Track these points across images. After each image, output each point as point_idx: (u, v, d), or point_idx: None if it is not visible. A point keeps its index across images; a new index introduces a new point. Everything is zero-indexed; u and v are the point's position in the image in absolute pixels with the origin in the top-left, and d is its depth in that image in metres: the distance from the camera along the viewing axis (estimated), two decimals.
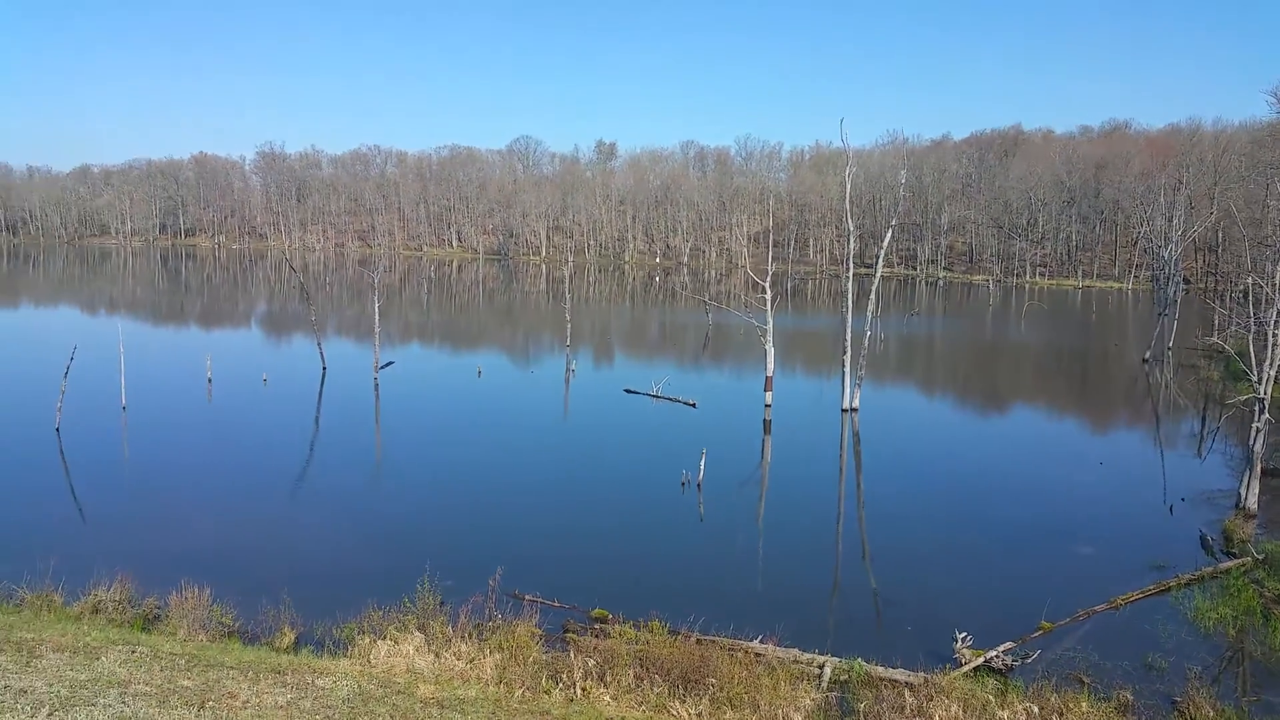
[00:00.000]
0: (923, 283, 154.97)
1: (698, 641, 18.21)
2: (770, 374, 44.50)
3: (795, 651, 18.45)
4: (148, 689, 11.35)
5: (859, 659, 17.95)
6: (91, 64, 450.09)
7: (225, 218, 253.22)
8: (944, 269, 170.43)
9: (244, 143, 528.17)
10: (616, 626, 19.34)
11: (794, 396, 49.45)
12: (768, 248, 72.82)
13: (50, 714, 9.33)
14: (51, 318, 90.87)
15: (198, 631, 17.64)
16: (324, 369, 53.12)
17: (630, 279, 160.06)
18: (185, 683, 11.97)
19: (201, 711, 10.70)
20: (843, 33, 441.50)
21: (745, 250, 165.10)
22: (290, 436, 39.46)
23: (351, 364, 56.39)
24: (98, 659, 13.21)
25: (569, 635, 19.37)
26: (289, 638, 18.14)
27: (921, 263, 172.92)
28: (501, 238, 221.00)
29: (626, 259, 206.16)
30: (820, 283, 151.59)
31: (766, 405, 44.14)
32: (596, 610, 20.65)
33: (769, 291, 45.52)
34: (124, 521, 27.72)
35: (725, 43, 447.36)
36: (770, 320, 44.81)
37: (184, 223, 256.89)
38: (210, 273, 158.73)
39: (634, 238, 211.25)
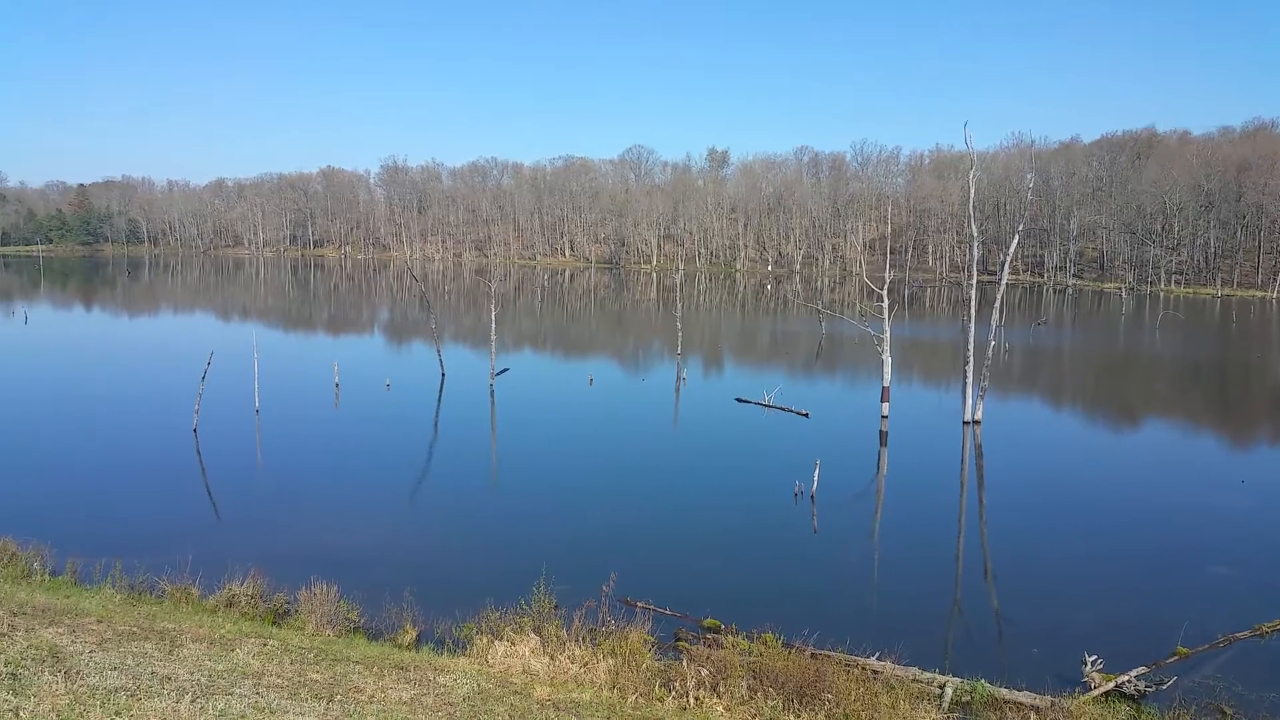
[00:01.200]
0: (1050, 290, 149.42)
1: (812, 656, 17.86)
2: (887, 384, 43.53)
3: (915, 670, 17.90)
4: (280, 681, 11.81)
5: (981, 680, 17.29)
6: (226, 82, 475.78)
7: (351, 229, 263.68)
8: (1073, 276, 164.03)
9: (369, 156, 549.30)
10: (729, 637, 19.14)
11: (912, 408, 48.18)
12: (885, 254, 71.37)
13: (193, 701, 9.78)
14: (190, 324, 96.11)
15: (325, 627, 18.27)
16: (442, 375, 54.57)
17: (741, 287, 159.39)
18: (314, 676, 12.41)
19: (330, 705, 11.06)
20: (963, 34, 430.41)
21: (860, 257, 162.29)
22: (411, 440, 40.65)
23: (468, 370, 57.77)
24: (233, 650, 13.82)
25: (681, 644, 19.29)
26: (410, 635, 18.63)
27: (1049, 270, 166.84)
28: (613, 246, 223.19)
29: (737, 267, 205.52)
30: (940, 290, 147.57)
31: (883, 416, 43.19)
32: (708, 620, 20.54)
33: (886, 299, 44.55)
34: (256, 519, 28.99)
35: (841, 47, 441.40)
36: (887, 329, 43.86)
37: (312, 234, 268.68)
38: (337, 282, 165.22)
39: (745, 245, 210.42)
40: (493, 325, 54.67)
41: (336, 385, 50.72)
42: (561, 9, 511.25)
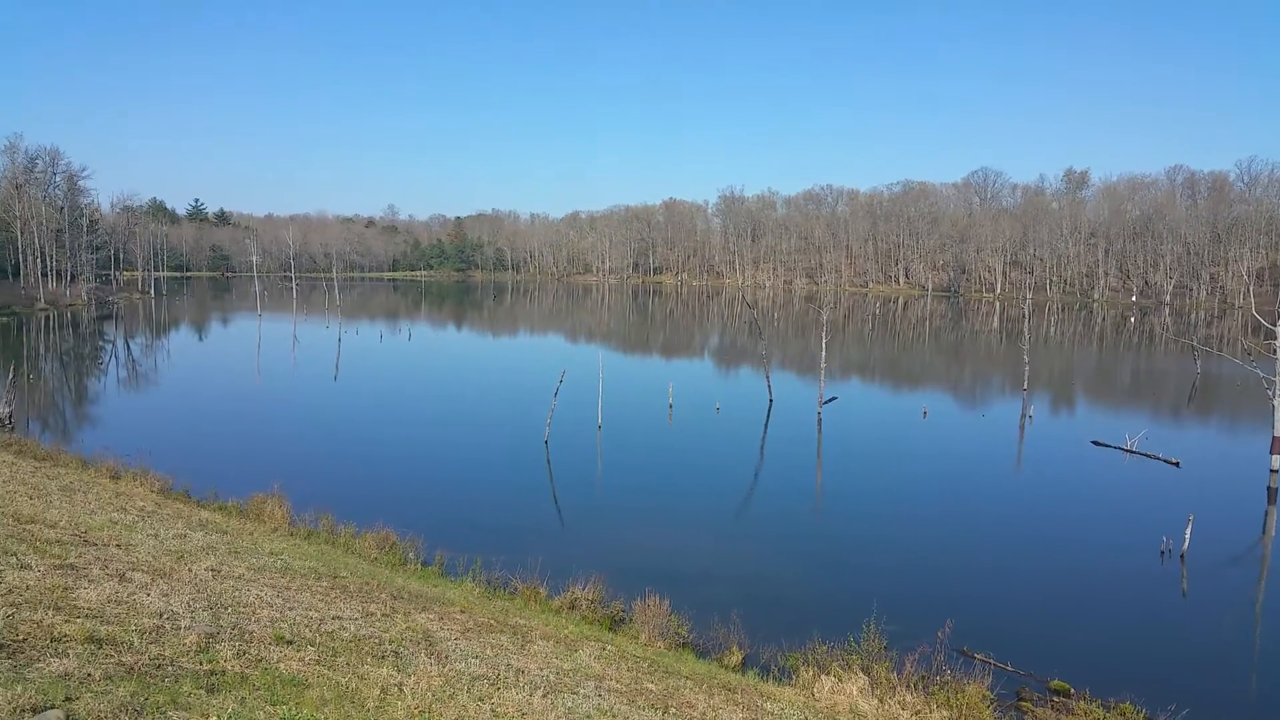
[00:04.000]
0: None
1: None
2: (1279, 434, 37.70)
3: None
4: (619, 686, 12.28)
5: None
6: (585, 125, 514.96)
7: (688, 257, 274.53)
8: None
9: (708, 188, 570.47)
10: (1080, 703, 17.39)
11: None
12: (1276, 285, 62.08)
13: (544, 696, 10.39)
14: (544, 344, 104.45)
15: (656, 638, 18.85)
16: (770, 400, 54.91)
17: (1099, 319, 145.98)
18: (650, 686, 12.79)
19: (665, 715, 11.34)
20: None
21: (1246, 288, 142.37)
22: (738, 463, 41.24)
23: (796, 397, 57.66)
24: (576, 651, 14.61)
25: (1023, 704, 17.81)
26: (737, 657, 18.72)
27: None
28: (952, 274, 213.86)
29: (1095, 297, 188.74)
30: None
31: (1273, 470, 37.44)
32: (1056, 681, 18.74)
33: (1279, 336, 38.70)
34: (596, 528, 30.70)
35: (1221, 54, 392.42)
36: None
37: (653, 261, 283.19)
38: (672, 308, 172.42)
39: (1105, 273, 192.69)
40: (822, 352, 54.21)
41: (670, 406, 52.69)
42: (896, 28, 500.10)
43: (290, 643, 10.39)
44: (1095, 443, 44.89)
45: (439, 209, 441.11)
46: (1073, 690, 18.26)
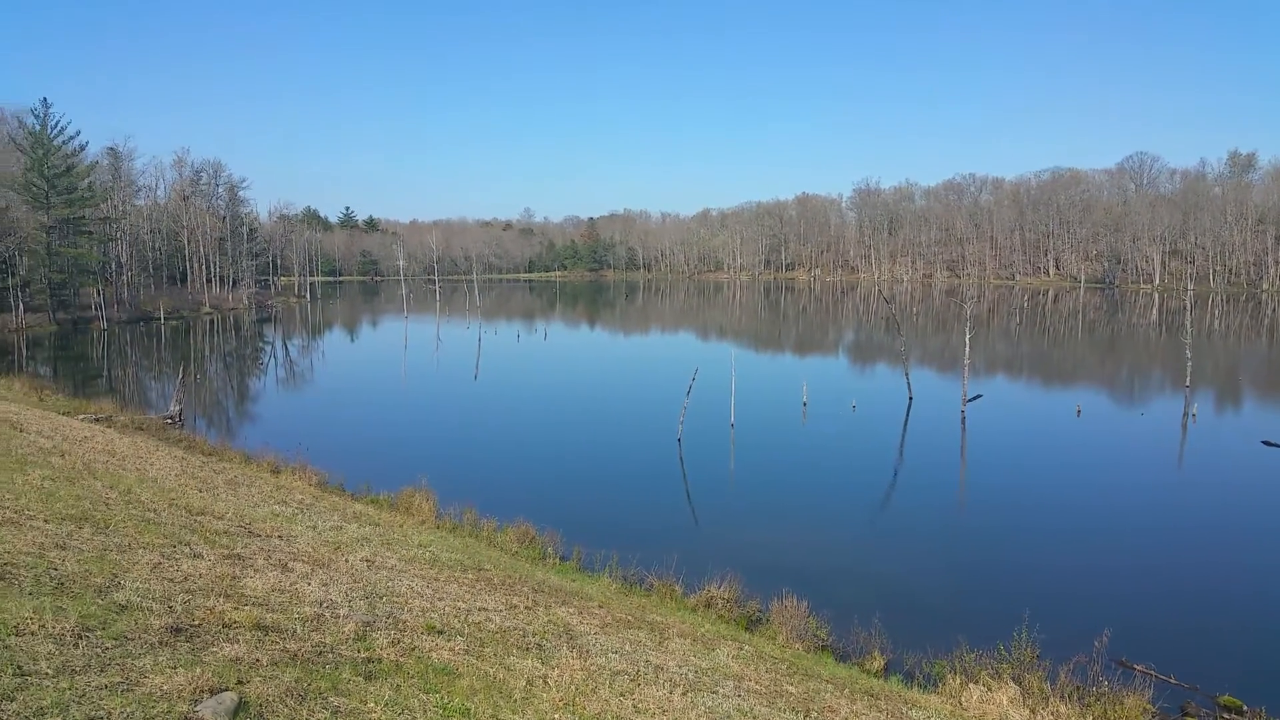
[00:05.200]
0: None
1: None
2: None
3: None
4: (758, 687, 12.20)
5: None
6: (690, 122, 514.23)
7: (821, 252, 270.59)
8: None
9: (843, 181, 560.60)
10: None
11: None
12: None
13: (684, 694, 10.43)
14: (675, 342, 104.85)
15: (794, 640, 18.64)
16: (910, 398, 53.48)
17: (1269, 310, 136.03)
18: (790, 688, 12.66)
19: (806, 718, 11.20)
20: None
21: None
22: (876, 463, 40.36)
23: (937, 395, 56.00)
24: (713, 650, 14.60)
25: (1188, 719, 16.78)
26: (878, 662, 18.32)
27: None
28: (1106, 264, 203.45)
29: (1264, 287, 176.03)
30: None
31: None
32: (1225, 697, 17.55)
33: None
34: (730, 526, 30.58)
35: None
36: None
37: (785, 258, 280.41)
38: (805, 304, 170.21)
39: (1275, 262, 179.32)
40: (965, 348, 52.42)
41: (804, 404, 52.02)
42: (1042, 8, 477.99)
43: (440, 632, 10.77)
44: (1266, 443, 41.81)
45: (573, 210, 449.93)
46: (1246, 708, 17.07)
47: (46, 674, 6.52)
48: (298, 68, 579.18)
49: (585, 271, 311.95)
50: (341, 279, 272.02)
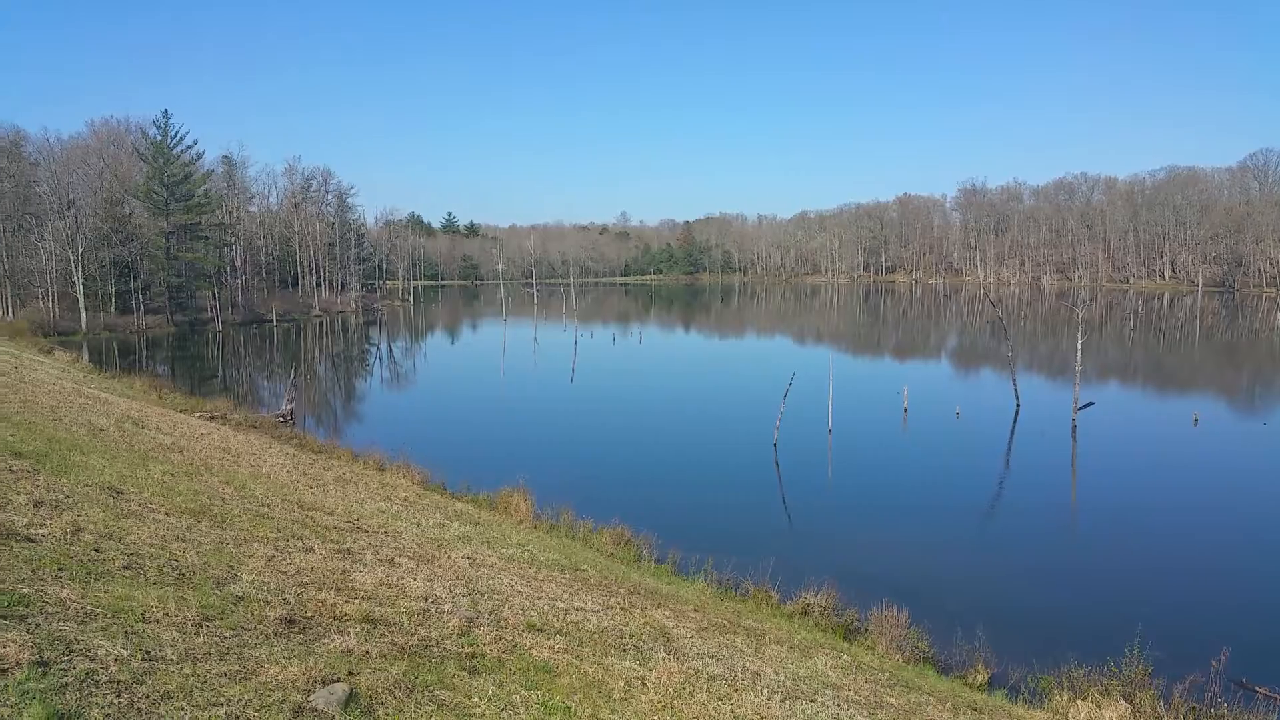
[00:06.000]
0: None
1: None
2: None
3: None
4: (857, 697, 12.01)
5: None
6: (808, 125, 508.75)
7: (923, 254, 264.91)
8: None
9: (946, 180, 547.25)
10: None
11: None
12: None
13: (781, 701, 10.34)
14: (770, 346, 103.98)
15: (894, 651, 18.28)
16: (1017, 405, 51.85)
17: None
18: (890, 699, 12.42)
19: None
20: None
21: None
22: (981, 471, 39.25)
23: (1046, 402, 54.22)
24: (810, 658, 14.43)
25: None
26: (982, 676, 17.82)
27: None
28: (1226, 267, 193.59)
29: None
30: None
31: None
32: None
33: None
34: (827, 533, 30.17)
35: None
36: None
37: (885, 260, 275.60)
38: (906, 307, 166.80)
39: None
40: (1077, 354, 50.59)
41: (905, 410, 50.97)
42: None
43: (540, 630, 10.92)
44: None
45: (668, 213, 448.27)
46: None
47: (171, 660, 6.85)
48: (404, 76, 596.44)
49: (680, 275, 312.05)
50: (443, 283, 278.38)
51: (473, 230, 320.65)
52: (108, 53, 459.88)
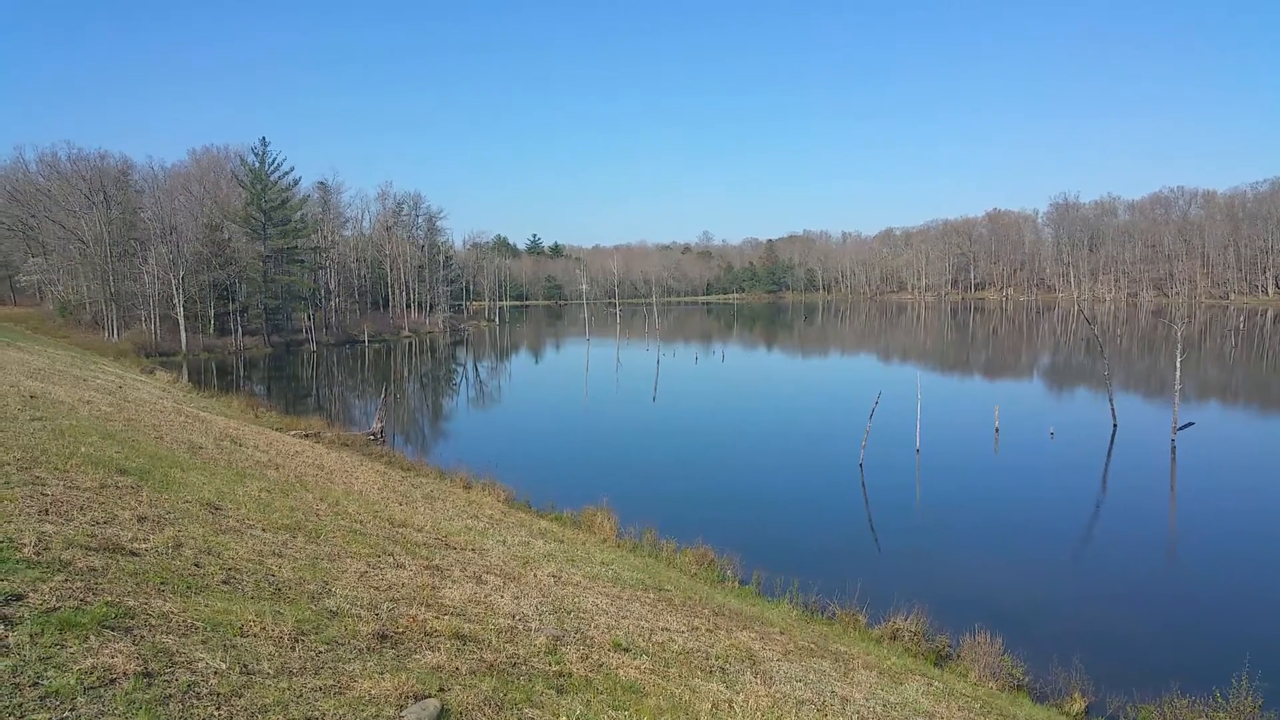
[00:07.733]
0: None
1: None
2: None
3: None
4: None
5: None
6: (873, 140, 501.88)
7: (1014, 271, 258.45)
8: None
9: (1038, 195, 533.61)
10: None
11: None
12: None
13: None
14: (856, 365, 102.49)
15: (987, 678, 17.77)
16: (1114, 426, 50.08)
17: None
18: None
19: None
20: None
21: None
22: (1076, 494, 37.95)
23: (1144, 422, 52.26)
24: (901, 684, 14.10)
25: None
26: (1079, 704, 17.22)
27: None
28: None
29: None
30: None
31: None
32: None
33: None
34: (915, 556, 29.53)
35: None
36: None
37: (974, 277, 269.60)
38: (996, 325, 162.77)
39: None
40: (1176, 372, 48.67)
41: (996, 430, 49.67)
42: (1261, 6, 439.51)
43: (626, 650, 10.92)
44: None
45: (751, 232, 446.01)
46: None
47: (268, 674, 7.04)
48: (491, 99, 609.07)
49: (763, 293, 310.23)
50: (528, 303, 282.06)
51: (557, 251, 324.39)
52: (208, 80, 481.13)
